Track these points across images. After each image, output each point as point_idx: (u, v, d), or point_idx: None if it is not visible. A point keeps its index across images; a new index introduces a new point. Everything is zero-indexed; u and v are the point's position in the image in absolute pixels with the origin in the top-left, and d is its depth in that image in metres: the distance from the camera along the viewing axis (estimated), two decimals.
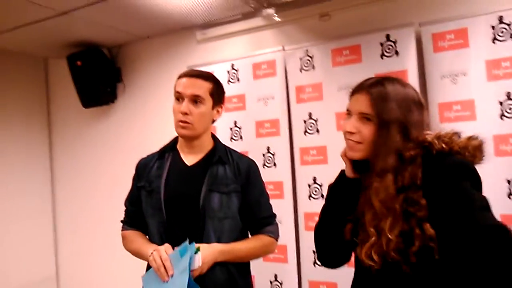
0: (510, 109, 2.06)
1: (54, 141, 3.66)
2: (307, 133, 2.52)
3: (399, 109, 1.05)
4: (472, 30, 2.15)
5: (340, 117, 2.37)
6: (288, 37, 2.68)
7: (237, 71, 2.76)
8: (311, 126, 2.51)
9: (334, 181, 1.22)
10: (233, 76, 2.77)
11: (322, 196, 2.43)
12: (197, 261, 1.30)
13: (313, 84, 2.52)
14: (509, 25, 2.07)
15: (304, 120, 2.53)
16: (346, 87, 2.27)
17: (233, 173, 1.47)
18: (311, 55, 2.53)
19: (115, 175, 3.10)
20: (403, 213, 1.02)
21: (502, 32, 2.09)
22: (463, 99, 2.15)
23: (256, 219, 1.51)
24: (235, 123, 2.74)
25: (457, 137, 1.10)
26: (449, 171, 1.00)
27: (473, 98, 2.13)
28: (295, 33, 2.67)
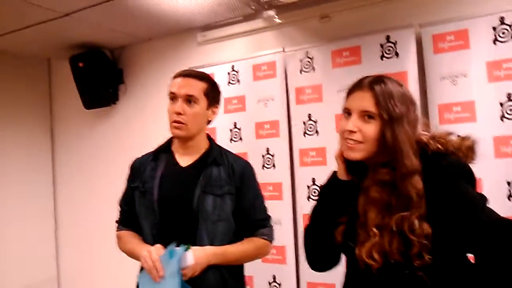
0: (510, 110, 2.04)
1: (56, 142, 3.68)
2: (306, 135, 2.52)
3: (402, 106, 1.04)
4: (472, 31, 2.14)
5: (340, 118, 2.36)
6: (288, 38, 2.68)
7: (237, 72, 2.76)
8: (310, 128, 2.51)
9: (326, 182, 1.21)
10: (233, 77, 2.77)
11: None
12: (189, 259, 1.30)
13: (313, 86, 2.51)
14: (511, 26, 2.06)
15: (303, 122, 2.52)
16: (346, 88, 2.22)
17: (227, 174, 1.45)
18: (311, 57, 2.53)
19: (117, 176, 3.06)
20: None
21: (503, 33, 2.08)
22: (463, 101, 2.13)
23: (251, 221, 1.49)
24: (235, 124, 2.74)
25: (451, 137, 1.09)
26: (447, 171, 1.00)
27: (473, 99, 2.11)
28: (295, 35, 2.67)
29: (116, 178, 1.66)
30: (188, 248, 1.31)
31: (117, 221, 1.59)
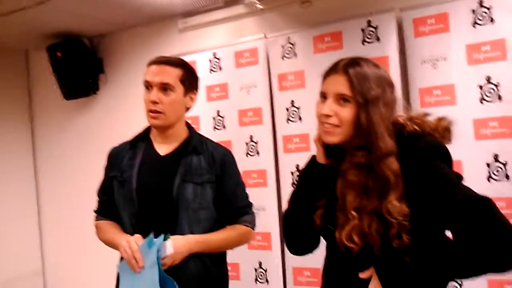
0: (490, 93, 2.06)
1: (37, 133, 3.62)
2: (290, 121, 2.51)
3: (377, 88, 1.03)
4: (452, 15, 2.14)
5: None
6: (269, 24, 2.65)
7: (219, 60, 2.73)
8: (293, 114, 2.50)
9: (305, 166, 1.20)
10: (215, 65, 2.74)
11: None
12: (168, 248, 1.28)
13: (295, 72, 2.50)
14: (489, 9, 2.07)
15: (286, 108, 2.51)
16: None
17: (207, 163, 1.43)
18: (292, 42, 2.51)
19: (99, 167, 3.05)
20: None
21: (482, 16, 2.09)
22: (443, 84, 2.14)
23: (233, 209, 1.48)
24: (218, 112, 2.72)
25: (427, 118, 1.09)
26: (423, 152, 1.00)
27: (453, 82, 2.13)
28: (276, 21, 2.64)
29: (99, 169, 1.64)
30: (167, 238, 1.29)
31: (95, 211, 1.57)
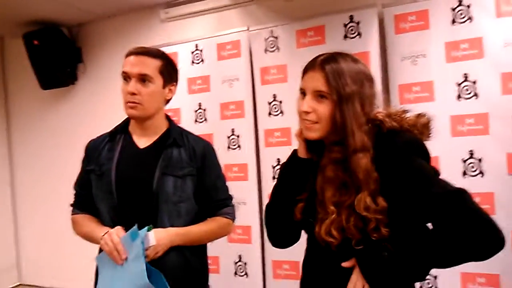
0: (467, 90, 2.10)
1: (13, 124, 3.52)
2: (271, 115, 2.51)
3: (354, 84, 1.04)
4: (432, 12, 2.17)
5: None
6: (253, 17, 2.64)
7: (201, 51, 2.70)
8: (275, 108, 2.50)
9: (286, 160, 1.22)
10: (197, 56, 2.71)
11: None
12: (151, 239, 1.27)
13: (277, 66, 2.50)
14: (468, 7, 2.11)
15: (268, 102, 2.51)
16: None
17: (188, 156, 1.42)
18: (275, 36, 2.50)
19: (76, 159, 3.00)
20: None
21: (461, 14, 2.12)
22: (422, 81, 2.18)
23: (213, 201, 1.48)
24: (200, 105, 2.69)
25: (406, 114, 1.11)
26: (401, 148, 1.02)
27: (432, 79, 2.16)
28: (260, 14, 2.63)
29: (76, 161, 1.61)
30: (150, 229, 1.28)
31: (72, 205, 1.54)
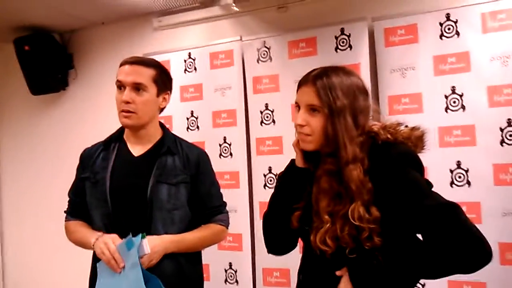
0: (454, 102, 2.16)
1: (2, 129, 3.48)
2: (263, 124, 2.54)
3: (345, 97, 1.07)
4: (421, 26, 2.24)
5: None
6: (246, 27, 2.68)
7: (194, 60, 2.72)
8: (267, 117, 2.53)
9: (284, 170, 1.24)
10: (190, 65, 2.74)
11: None
12: (145, 248, 1.28)
13: (270, 76, 2.53)
14: (456, 22, 2.17)
15: (260, 111, 2.54)
16: None
17: (182, 163, 1.44)
18: (268, 46, 2.54)
19: (66, 167, 2.96)
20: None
21: (449, 29, 2.19)
22: (411, 93, 2.24)
23: (207, 208, 1.50)
24: (192, 112, 2.71)
25: (401, 127, 1.14)
26: (395, 159, 1.05)
27: (420, 91, 2.22)
28: (253, 24, 2.67)
29: (66, 168, 1.61)
30: (143, 237, 1.29)
31: (65, 211, 1.54)
